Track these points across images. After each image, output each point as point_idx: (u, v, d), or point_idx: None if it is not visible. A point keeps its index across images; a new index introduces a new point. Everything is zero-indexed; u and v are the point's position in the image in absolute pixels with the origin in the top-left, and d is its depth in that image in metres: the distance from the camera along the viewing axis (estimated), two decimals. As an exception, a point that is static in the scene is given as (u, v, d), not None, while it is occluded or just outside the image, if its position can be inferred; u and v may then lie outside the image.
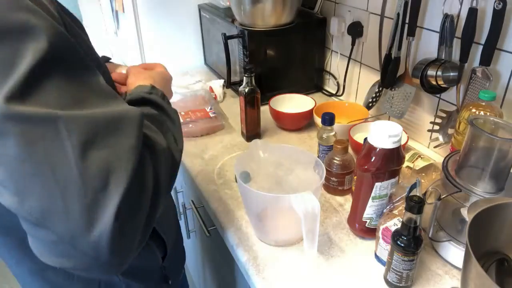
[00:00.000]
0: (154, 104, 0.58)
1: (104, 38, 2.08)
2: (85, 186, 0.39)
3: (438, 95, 1.07)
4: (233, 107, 1.34)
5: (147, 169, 0.44)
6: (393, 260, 0.69)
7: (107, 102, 0.43)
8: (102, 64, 0.57)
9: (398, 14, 1.03)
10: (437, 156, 1.07)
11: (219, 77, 1.57)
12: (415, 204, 0.63)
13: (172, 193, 0.94)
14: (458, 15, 0.94)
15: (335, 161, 0.92)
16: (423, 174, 0.94)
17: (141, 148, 0.44)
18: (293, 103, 1.27)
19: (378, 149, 0.72)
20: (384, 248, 0.74)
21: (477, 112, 0.84)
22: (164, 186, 0.48)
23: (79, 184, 0.39)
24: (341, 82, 1.40)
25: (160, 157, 0.48)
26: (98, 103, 0.42)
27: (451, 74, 0.97)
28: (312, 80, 1.47)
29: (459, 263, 0.74)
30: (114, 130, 0.42)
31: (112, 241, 0.40)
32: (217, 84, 1.45)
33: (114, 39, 1.92)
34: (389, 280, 0.72)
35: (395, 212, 0.73)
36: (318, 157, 1.00)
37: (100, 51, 0.62)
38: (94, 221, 0.39)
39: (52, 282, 0.65)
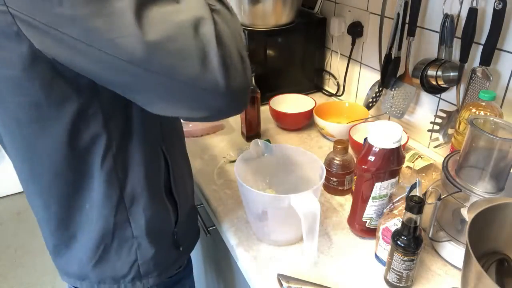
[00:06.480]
0: None
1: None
2: (188, 35, 0.47)
3: (438, 95, 1.07)
4: (233, 107, 1.34)
5: (218, 19, 0.50)
6: (393, 260, 0.69)
7: None
8: None
9: (398, 14, 1.03)
10: (437, 156, 1.07)
11: (219, 77, 1.57)
12: (415, 204, 0.63)
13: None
14: (458, 15, 0.95)
15: (335, 161, 0.92)
16: (423, 174, 0.94)
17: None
18: (293, 103, 1.27)
19: (378, 149, 0.72)
20: (384, 248, 0.74)
21: (477, 112, 0.85)
22: (238, 39, 0.53)
23: (184, 36, 0.47)
24: (341, 82, 1.40)
25: (223, 12, 0.53)
26: None
27: (451, 74, 0.97)
28: (312, 80, 1.47)
29: (459, 263, 0.74)
30: None
31: (222, 67, 0.48)
32: (217, 84, 1.44)
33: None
34: (389, 280, 0.72)
35: (395, 212, 0.73)
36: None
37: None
38: (206, 55, 0.47)
39: (76, 226, 0.68)
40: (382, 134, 0.71)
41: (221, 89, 0.49)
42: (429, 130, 1.04)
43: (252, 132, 1.18)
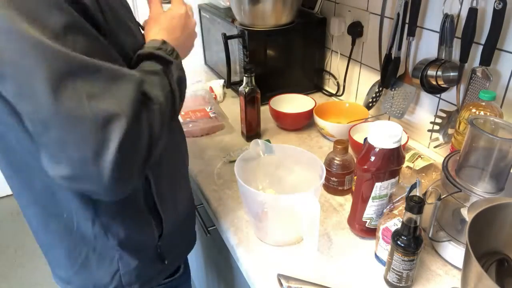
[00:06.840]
0: (161, 59, 0.62)
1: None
2: (96, 125, 0.46)
3: (438, 95, 1.07)
4: (233, 107, 1.34)
5: (143, 120, 0.52)
6: (393, 260, 0.69)
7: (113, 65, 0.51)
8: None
9: (398, 14, 1.03)
10: (437, 156, 1.07)
11: (219, 77, 1.57)
12: (415, 204, 0.63)
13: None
14: (458, 15, 0.95)
15: (335, 161, 0.92)
16: (423, 174, 0.94)
17: (139, 102, 0.51)
18: (293, 103, 1.27)
19: (378, 149, 0.72)
20: (384, 248, 0.74)
21: (477, 112, 0.85)
22: (158, 137, 0.55)
23: (91, 123, 0.46)
24: (341, 82, 1.40)
25: (155, 112, 0.54)
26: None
27: (451, 74, 0.97)
28: (312, 80, 1.47)
29: (459, 263, 0.74)
30: (118, 83, 0.50)
31: (113, 170, 0.48)
32: (217, 84, 1.45)
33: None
34: (389, 280, 0.72)
35: (395, 212, 0.73)
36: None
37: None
38: (102, 152, 0.47)
39: (54, 231, 0.68)
40: (382, 134, 0.71)
41: (103, 183, 0.49)
42: (429, 130, 1.04)
43: (252, 132, 1.18)
